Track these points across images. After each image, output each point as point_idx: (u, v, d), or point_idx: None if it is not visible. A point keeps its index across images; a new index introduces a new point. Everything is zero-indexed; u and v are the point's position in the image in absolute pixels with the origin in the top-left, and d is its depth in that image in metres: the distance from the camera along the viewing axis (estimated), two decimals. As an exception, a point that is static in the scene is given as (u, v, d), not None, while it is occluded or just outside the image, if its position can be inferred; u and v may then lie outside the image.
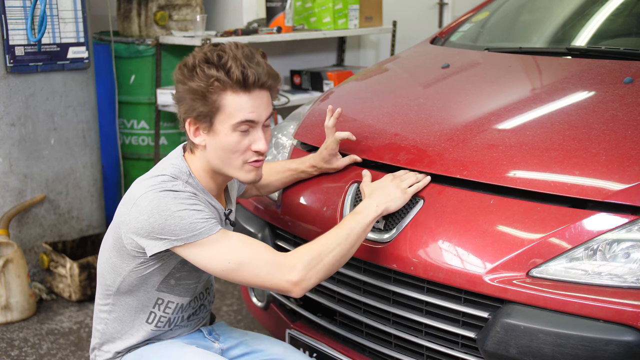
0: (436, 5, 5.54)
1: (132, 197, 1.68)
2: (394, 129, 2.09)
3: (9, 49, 3.19)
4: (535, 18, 2.87)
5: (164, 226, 1.62)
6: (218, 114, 1.66)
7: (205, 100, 1.65)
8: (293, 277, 1.65)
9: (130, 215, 1.66)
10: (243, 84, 1.65)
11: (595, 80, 2.10)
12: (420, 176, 1.85)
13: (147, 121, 4.13)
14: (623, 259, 1.57)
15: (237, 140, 1.69)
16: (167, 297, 1.80)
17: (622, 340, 1.49)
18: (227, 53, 1.66)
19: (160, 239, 1.63)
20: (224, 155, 1.70)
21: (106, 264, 1.78)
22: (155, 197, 1.64)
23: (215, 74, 1.64)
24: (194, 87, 1.65)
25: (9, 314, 3.16)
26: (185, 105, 1.68)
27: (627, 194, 1.60)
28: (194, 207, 1.65)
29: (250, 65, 1.66)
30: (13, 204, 3.34)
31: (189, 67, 1.67)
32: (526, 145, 1.82)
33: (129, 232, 1.67)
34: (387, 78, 2.66)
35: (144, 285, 1.76)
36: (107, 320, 1.83)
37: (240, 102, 1.66)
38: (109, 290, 1.79)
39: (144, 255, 1.69)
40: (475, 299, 1.69)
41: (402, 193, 1.80)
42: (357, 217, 1.75)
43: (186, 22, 4.06)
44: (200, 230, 1.63)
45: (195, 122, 1.69)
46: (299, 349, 2.11)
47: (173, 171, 1.71)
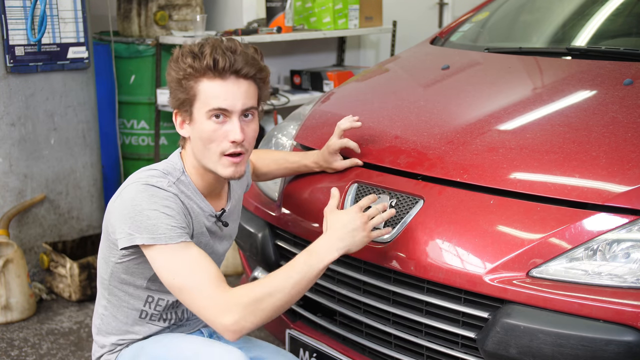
0: (436, 5, 5.54)
1: (121, 187, 1.72)
2: (394, 131, 2.09)
3: (9, 49, 3.19)
4: (535, 18, 2.87)
5: (133, 221, 1.63)
6: (195, 102, 1.68)
7: (181, 87, 1.67)
8: (226, 321, 1.56)
9: (114, 204, 1.70)
10: (213, 69, 1.65)
11: (595, 82, 2.10)
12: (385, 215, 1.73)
13: (147, 121, 4.13)
14: (623, 259, 1.57)
15: (213, 129, 1.67)
16: (156, 295, 1.80)
17: (622, 340, 1.49)
18: (208, 43, 1.68)
19: (128, 233, 1.64)
20: (202, 146, 1.69)
21: (100, 254, 1.81)
22: (135, 190, 1.66)
23: (190, 61, 1.66)
24: (174, 76, 1.69)
25: (9, 314, 3.16)
26: (170, 97, 1.73)
27: (628, 197, 1.60)
28: (165, 209, 1.63)
29: (225, 53, 1.65)
30: (13, 204, 3.34)
31: (174, 58, 1.70)
32: (526, 148, 1.82)
33: (110, 220, 1.71)
34: (387, 79, 2.66)
35: (132, 280, 1.76)
36: (103, 316, 1.84)
37: (214, 89, 1.66)
38: (104, 282, 1.81)
39: None
40: (475, 299, 1.69)
41: (366, 236, 1.69)
42: (312, 260, 1.63)
43: (186, 22, 4.07)
44: (160, 235, 1.61)
45: (180, 113, 1.72)
46: (298, 349, 2.11)
47: (166, 167, 1.73)
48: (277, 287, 1.59)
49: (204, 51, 1.65)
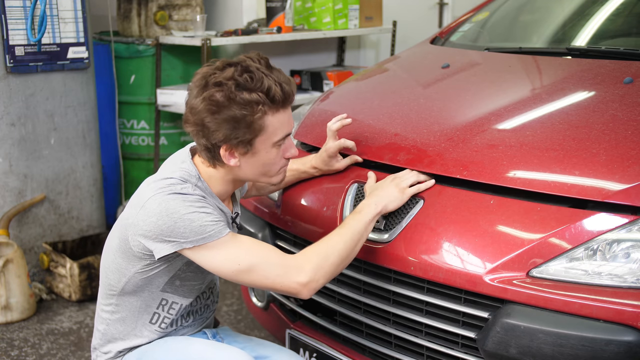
0: (436, 5, 5.54)
1: (140, 200, 1.67)
2: (394, 129, 2.09)
3: (9, 49, 3.19)
4: (535, 18, 2.87)
5: (173, 229, 1.61)
6: (260, 136, 1.66)
7: (249, 126, 1.63)
8: (302, 279, 1.66)
9: (138, 217, 1.65)
10: (284, 103, 1.66)
11: (595, 81, 2.10)
12: (422, 177, 1.85)
13: (147, 121, 4.13)
14: (623, 259, 1.57)
15: (276, 155, 1.72)
16: (171, 298, 1.80)
17: (622, 340, 1.49)
18: (255, 73, 1.62)
19: (168, 242, 1.63)
20: (262, 169, 1.73)
21: (111, 264, 1.78)
22: (164, 200, 1.63)
23: (257, 98, 1.61)
24: (236, 116, 1.61)
25: (9, 314, 3.15)
26: (220, 134, 1.63)
27: (627, 194, 1.60)
28: (203, 209, 1.64)
29: (281, 79, 1.65)
30: (13, 204, 3.34)
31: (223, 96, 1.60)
32: (526, 145, 1.82)
33: (136, 235, 1.66)
34: (387, 78, 2.66)
35: (148, 286, 1.76)
36: (109, 321, 1.82)
37: (280, 121, 1.68)
38: (113, 290, 1.79)
39: (151, 257, 1.69)
40: (476, 299, 1.69)
41: (401, 193, 1.81)
42: (357, 216, 1.77)
43: (186, 22, 4.07)
44: (210, 232, 1.63)
45: (232, 147, 1.67)
46: (299, 349, 2.11)
47: (182, 174, 1.70)
48: (337, 242, 1.71)
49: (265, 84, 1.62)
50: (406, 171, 1.88)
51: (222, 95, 1.61)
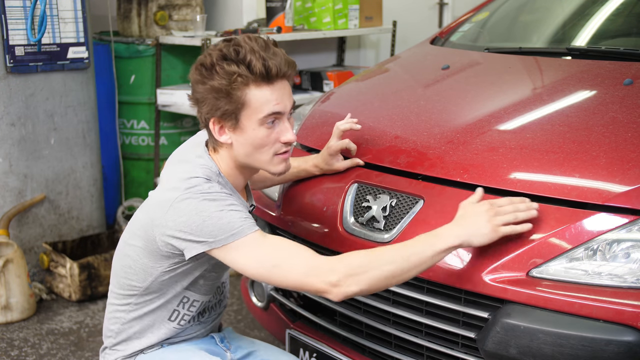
0: (436, 5, 5.53)
1: (166, 200, 1.65)
2: (394, 131, 2.09)
3: (9, 49, 3.19)
4: (535, 18, 2.87)
5: (202, 227, 1.60)
6: (243, 110, 1.65)
7: (229, 97, 1.63)
8: (332, 279, 1.57)
9: (167, 217, 1.64)
10: (266, 77, 1.63)
11: (595, 82, 2.10)
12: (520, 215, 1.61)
13: (147, 121, 4.13)
14: (623, 259, 1.57)
15: (266, 134, 1.68)
16: (192, 296, 1.79)
17: (622, 340, 1.49)
18: (243, 47, 1.63)
19: (198, 242, 1.62)
20: (253, 151, 1.69)
21: (134, 266, 1.75)
22: (193, 199, 1.62)
23: (236, 69, 1.61)
24: (216, 86, 1.63)
25: (9, 314, 3.16)
26: (207, 105, 1.66)
27: (628, 197, 1.60)
28: (232, 207, 1.63)
29: (269, 56, 1.63)
30: (13, 204, 3.34)
31: (207, 66, 1.64)
32: (526, 148, 1.82)
33: (164, 235, 1.65)
34: (387, 79, 2.66)
35: (173, 285, 1.75)
36: (124, 320, 1.81)
37: (264, 95, 1.65)
38: (134, 290, 1.77)
39: (180, 256, 1.68)
40: (475, 299, 1.69)
41: (492, 231, 1.59)
42: (431, 240, 1.59)
43: (186, 22, 4.07)
44: (238, 229, 1.61)
45: (220, 120, 1.67)
46: (298, 349, 2.11)
47: (204, 172, 1.68)
48: (388, 258, 1.58)
49: (246, 57, 1.62)
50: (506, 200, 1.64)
51: (206, 66, 1.64)
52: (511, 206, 1.62)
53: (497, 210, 1.61)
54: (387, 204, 1.87)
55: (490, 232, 1.59)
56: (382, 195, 1.90)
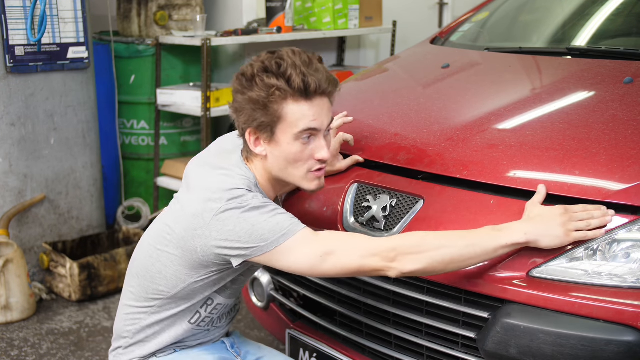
0: (436, 5, 5.54)
1: (208, 210, 1.63)
2: (394, 128, 2.09)
3: (9, 49, 3.19)
4: (535, 18, 2.87)
5: (251, 233, 1.60)
6: (279, 124, 1.64)
7: (266, 110, 1.63)
8: (390, 255, 1.57)
9: (210, 228, 1.63)
10: (304, 92, 1.63)
11: (595, 80, 2.10)
12: (594, 222, 1.58)
13: (147, 121, 4.13)
14: (623, 259, 1.57)
15: (300, 150, 1.67)
16: (217, 299, 1.79)
17: (622, 340, 1.49)
18: (285, 60, 1.63)
19: (248, 248, 1.61)
20: (287, 165, 1.69)
21: (164, 271, 1.73)
22: (238, 209, 1.61)
23: (275, 82, 1.61)
24: (254, 97, 1.63)
25: (9, 314, 3.15)
26: (245, 116, 1.66)
27: (627, 194, 1.60)
28: (277, 210, 1.64)
29: (310, 72, 1.63)
30: (13, 204, 3.34)
31: (247, 76, 1.64)
32: (526, 145, 1.82)
33: (208, 246, 1.64)
34: (387, 78, 2.66)
35: (203, 291, 1.75)
36: (144, 323, 1.79)
37: (301, 111, 1.64)
38: (161, 295, 1.76)
39: (220, 265, 1.68)
40: (476, 299, 1.69)
41: (565, 234, 1.57)
42: (496, 233, 1.58)
43: (186, 22, 4.07)
44: (288, 228, 1.61)
45: (256, 132, 1.67)
46: (299, 349, 2.11)
47: (244, 182, 1.67)
48: (448, 242, 1.58)
49: (287, 71, 1.62)
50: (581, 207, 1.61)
51: (247, 76, 1.65)
52: (585, 213, 1.60)
53: (571, 215, 1.59)
54: (387, 204, 1.87)
55: (563, 236, 1.57)
56: (382, 195, 1.90)
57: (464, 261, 1.59)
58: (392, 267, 1.59)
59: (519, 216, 1.68)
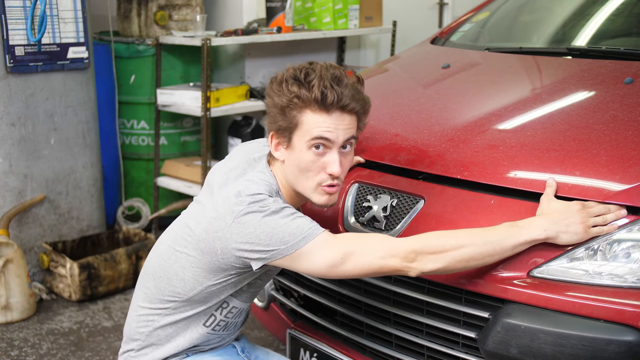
0: (436, 5, 5.54)
1: (229, 213, 1.64)
2: (394, 129, 2.09)
3: (9, 49, 3.19)
4: (536, 18, 2.87)
5: (272, 236, 1.61)
6: (296, 130, 1.66)
7: (284, 115, 1.66)
8: (410, 256, 1.59)
9: (231, 230, 1.64)
10: (321, 103, 1.64)
11: (595, 81, 2.10)
12: (609, 217, 1.59)
13: (147, 121, 4.13)
14: (624, 259, 1.57)
15: (312, 159, 1.67)
16: (232, 302, 1.79)
17: (623, 340, 1.50)
18: (315, 72, 1.66)
19: (268, 251, 1.62)
20: (299, 174, 1.70)
21: (182, 272, 1.73)
22: (259, 213, 1.63)
23: (296, 90, 1.64)
24: (276, 102, 1.68)
25: (9, 314, 3.15)
26: (269, 118, 1.71)
27: (628, 195, 1.60)
28: (297, 214, 1.66)
29: (333, 86, 1.64)
30: (13, 204, 3.34)
31: (277, 81, 1.69)
32: (527, 146, 1.82)
33: (229, 248, 1.65)
34: (387, 78, 2.66)
35: (220, 294, 1.75)
36: (157, 324, 1.79)
37: (317, 120, 1.65)
38: (176, 297, 1.76)
39: (239, 268, 1.68)
40: (476, 299, 1.69)
41: (584, 231, 1.58)
42: (514, 230, 1.59)
43: (186, 22, 4.07)
44: (308, 231, 1.62)
45: (277, 135, 1.70)
46: (299, 349, 2.11)
47: (266, 188, 1.69)
48: (468, 241, 1.59)
49: (311, 81, 1.64)
50: (596, 204, 1.62)
51: (277, 81, 1.69)
52: (602, 207, 1.61)
53: (589, 211, 1.60)
54: (387, 204, 1.87)
55: (582, 232, 1.58)
56: (382, 195, 1.90)
57: (484, 259, 1.59)
58: (412, 267, 1.60)
59: (519, 216, 1.68)
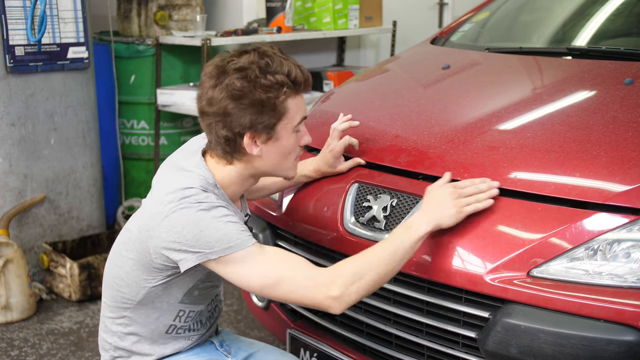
0: (436, 5, 5.54)
1: (161, 211, 1.60)
2: (394, 130, 2.09)
3: (9, 49, 3.19)
4: (536, 18, 2.87)
5: (198, 238, 1.57)
6: (282, 120, 1.64)
7: (274, 109, 1.61)
8: (333, 293, 1.57)
9: (160, 229, 1.60)
10: (301, 85, 1.64)
11: (595, 82, 2.10)
12: (483, 187, 1.71)
13: (147, 121, 4.13)
14: (623, 258, 1.57)
15: (295, 141, 1.69)
16: (188, 308, 1.76)
17: (623, 340, 1.50)
18: (273, 57, 1.62)
19: (194, 252, 1.58)
20: (282, 159, 1.69)
21: (126, 278, 1.71)
22: (189, 209, 1.57)
23: (282, 80, 1.61)
24: (262, 99, 1.59)
25: (9, 314, 3.16)
26: (246, 120, 1.60)
27: (628, 196, 1.60)
28: (228, 218, 1.60)
29: (298, 65, 1.64)
30: (13, 204, 3.34)
31: (248, 79, 1.59)
32: (527, 147, 1.82)
33: (159, 247, 1.62)
34: (387, 79, 2.66)
35: (167, 297, 1.72)
36: (121, 334, 1.77)
37: (298, 104, 1.66)
38: (127, 303, 1.73)
39: (174, 268, 1.65)
40: (476, 299, 1.69)
41: (458, 212, 1.67)
42: (406, 232, 1.65)
43: (186, 22, 4.07)
44: (236, 242, 1.58)
45: (254, 134, 1.63)
46: (299, 349, 2.11)
47: (200, 183, 1.63)
48: (377, 260, 1.62)
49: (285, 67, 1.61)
50: (468, 183, 1.72)
51: (245, 80, 1.59)
52: (473, 187, 1.71)
53: (460, 192, 1.69)
54: (387, 204, 1.87)
55: (457, 214, 1.67)
56: (382, 195, 1.90)
57: (394, 270, 1.64)
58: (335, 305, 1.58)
59: (519, 216, 1.68)
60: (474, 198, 1.70)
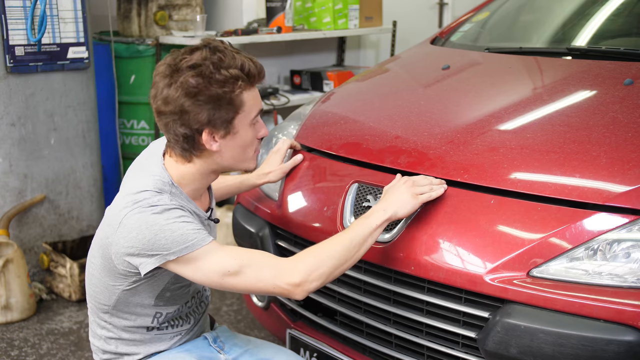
0: (436, 5, 5.54)
1: (117, 217, 1.61)
2: (394, 131, 2.09)
3: (9, 49, 3.19)
4: (536, 18, 2.88)
5: (154, 241, 1.57)
6: (239, 114, 1.64)
7: (231, 103, 1.62)
8: (294, 279, 1.60)
9: (117, 235, 1.60)
10: (257, 78, 1.66)
11: (595, 82, 2.10)
12: (435, 182, 1.81)
13: (147, 121, 4.13)
14: (623, 258, 1.57)
15: (253, 134, 1.70)
16: (164, 310, 1.76)
17: (623, 340, 1.50)
18: (224, 52, 1.64)
19: (152, 256, 1.58)
20: (241, 152, 1.70)
21: (98, 284, 1.73)
22: (142, 214, 1.58)
23: (238, 74, 1.61)
24: (218, 94, 1.59)
25: (9, 314, 3.16)
26: (203, 116, 1.60)
27: (628, 197, 1.60)
28: (183, 219, 1.60)
29: (251, 58, 1.66)
30: (13, 204, 3.34)
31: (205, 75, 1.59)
32: (527, 148, 1.82)
33: (118, 253, 1.61)
34: (387, 79, 2.66)
35: (139, 301, 1.72)
36: (106, 338, 1.79)
37: (254, 97, 1.67)
38: (103, 308, 1.75)
39: (137, 274, 1.64)
40: (476, 299, 1.70)
41: (413, 198, 1.76)
42: (364, 222, 1.72)
43: (186, 22, 4.07)
44: (192, 241, 1.58)
45: (212, 130, 1.63)
46: (299, 349, 2.11)
47: (155, 184, 1.64)
48: (336, 247, 1.67)
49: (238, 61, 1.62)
50: (421, 176, 1.83)
51: (200, 76, 1.59)
52: (426, 179, 1.82)
53: (413, 182, 1.79)
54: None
55: (412, 200, 1.76)
56: (382, 195, 1.90)
57: (353, 257, 1.69)
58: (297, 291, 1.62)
59: (519, 216, 1.68)
60: (427, 188, 1.79)
